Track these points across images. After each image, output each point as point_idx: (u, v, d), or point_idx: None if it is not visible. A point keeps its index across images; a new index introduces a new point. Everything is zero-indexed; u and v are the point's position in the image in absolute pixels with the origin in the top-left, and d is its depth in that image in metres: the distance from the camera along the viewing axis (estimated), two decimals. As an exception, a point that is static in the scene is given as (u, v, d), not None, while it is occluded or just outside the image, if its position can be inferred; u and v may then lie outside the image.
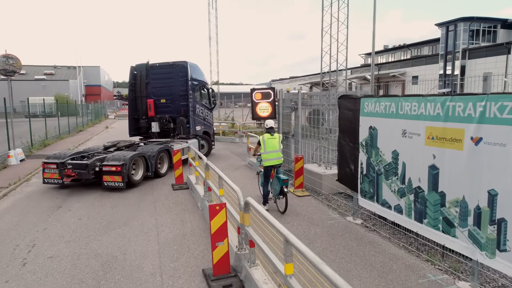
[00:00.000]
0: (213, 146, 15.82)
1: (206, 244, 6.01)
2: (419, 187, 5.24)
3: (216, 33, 32.28)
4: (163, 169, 11.60)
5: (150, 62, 14.21)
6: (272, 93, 10.76)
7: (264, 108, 10.82)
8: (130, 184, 9.94)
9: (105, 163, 9.65)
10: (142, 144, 12.65)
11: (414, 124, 5.27)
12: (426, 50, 55.25)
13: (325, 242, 6.08)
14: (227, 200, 6.39)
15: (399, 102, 5.55)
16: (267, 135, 7.72)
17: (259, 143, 7.86)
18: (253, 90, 10.82)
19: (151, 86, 14.14)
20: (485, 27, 43.75)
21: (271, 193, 7.92)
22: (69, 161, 9.81)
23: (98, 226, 7.11)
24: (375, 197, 6.32)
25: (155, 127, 13.76)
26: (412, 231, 5.58)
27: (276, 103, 10.97)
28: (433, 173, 4.95)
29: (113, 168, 9.46)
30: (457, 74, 42.48)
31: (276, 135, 7.78)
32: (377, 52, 69.94)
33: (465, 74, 40.34)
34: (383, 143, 6.03)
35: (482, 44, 42.12)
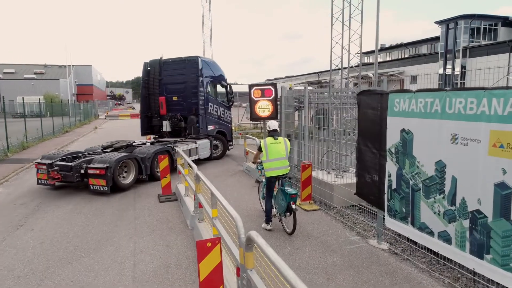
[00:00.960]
0: (230, 147, 14.69)
1: (195, 280, 4.67)
2: (478, 211, 3.93)
3: (210, 28, 30.89)
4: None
5: (163, 58, 13.60)
6: (273, 90, 9.40)
7: (264, 107, 9.46)
8: (117, 189, 9.15)
9: (90, 165, 8.98)
10: (148, 143, 11.94)
11: (470, 127, 3.96)
12: (424, 49, 54.40)
13: (348, 278, 4.74)
14: (222, 222, 5.04)
15: (447, 97, 4.24)
16: (269, 139, 6.39)
17: (260, 149, 6.51)
18: (251, 86, 9.44)
19: (164, 82, 13.61)
20: (486, 25, 42.84)
21: (275, 208, 6.58)
22: (57, 162, 9.22)
23: (61, 253, 5.72)
24: (409, 219, 5.00)
25: (166, 126, 13.36)
26: (460, 264, 4.29)
27: (278, 102, 9.66)
28: (503, 194, 3.64)
29: (97, 171, 8.78)
30: (457, 74, 41.62)
31: (280, 139, 6.43)
32: (372, 52, 69.09)
33: (465, 73, 39.44)
34: (421, 151, 4.72)
35: (483, 43, 41.23)
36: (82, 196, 8.99)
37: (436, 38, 47.58)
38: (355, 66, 8.29)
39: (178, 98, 13.43)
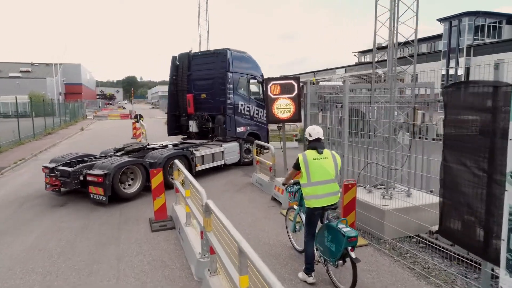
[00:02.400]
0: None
1: None
2: None
3: (207, 20, 28.71)
4: (178, 179, 9.25)
5: (192, 51, 12.53)
6: (295, 85, 7.39)
7: (284, 107, 7.46)
8: (118, 198, 8.03)
9: (90, 171, 7.97)
10: (171, 145, 10.88)
11: None
12: (423, 48, 53.14)
13: None
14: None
15: None
16: (311, 153, 4.43)
17: (296, 167, 4.54)
18: (268, 80, 7.42)
19: (193, 78, 12.34)
20: (490, 23, 41.52)
21: (318, 251, 4.63)
22: (58, 167, 8.39)
23: (0, 331, 3.72)
24: (559, 288, 3.10)
25: (192, 126, 12.47)
26: None
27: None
28: None
29: (95, 178, 7.75)
30: (461, 74, 40.38)
31: (327, 152, 4.49)
32: (369, 51, 67.59)
33: (469, 72, 38.10)
34: None
35: (487, 41, 39.96)
36: (54, 221, 6.97)
37: (436, 37, 46.20)
38: (409, 56, 6.38)
39: (206, 95, 12.19)
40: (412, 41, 6.41)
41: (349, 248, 4.03)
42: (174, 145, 10.90)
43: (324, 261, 4.57)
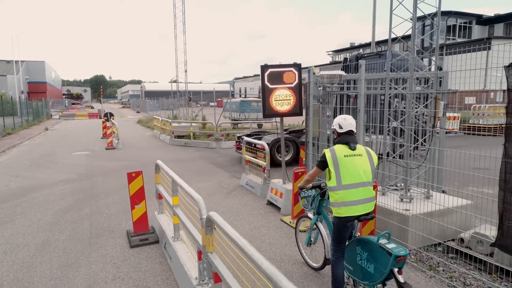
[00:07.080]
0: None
1: None
2: None
3: (183, 21, 27.27)
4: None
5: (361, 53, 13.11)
6: (297, 73, 6.44)
7: (283, 98, 6.48)
8: (275, 164, 10.20)
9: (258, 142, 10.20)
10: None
11: None
12: (396, 47, 53.64)
13: None
14: None
15: None
16: (342, 149, 3.52)
17: (322, 165, 3.60)
18: (265, 68, 6.36)
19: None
20: (461, 23, 42.33)
21: (345, 270, 3.71)
22: (242, 136, 11.37)
23: None
24: None
25: None
26: None
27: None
28: None
29: (260, 146, 9.68)
30: (437, 73, 40.83)
31: (361, 148, 3.59)
32: (343, 50, 67.92)
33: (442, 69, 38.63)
34: None
35: (458, 40, 40.73)
36: (7, 237, 5.70)
37: (408, 36, 46.81)
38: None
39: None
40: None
41: (396, 270, 3.15)
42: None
43: (354, 283, 3.68)
